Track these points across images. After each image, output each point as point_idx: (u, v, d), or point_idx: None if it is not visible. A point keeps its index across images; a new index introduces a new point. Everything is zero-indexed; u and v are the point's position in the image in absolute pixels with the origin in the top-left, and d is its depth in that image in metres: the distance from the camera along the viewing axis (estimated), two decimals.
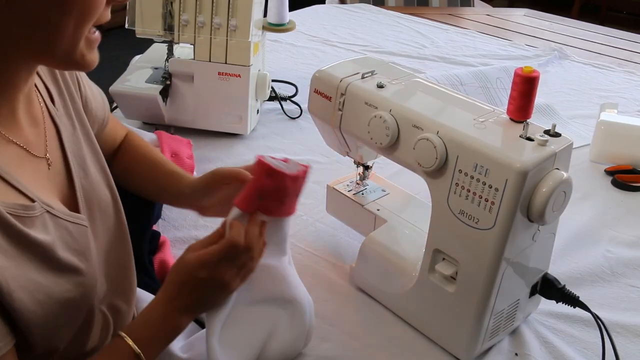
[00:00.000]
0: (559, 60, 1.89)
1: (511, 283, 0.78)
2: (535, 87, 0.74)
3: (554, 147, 0.72)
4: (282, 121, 1.43)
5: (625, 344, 0.86)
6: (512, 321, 0.84)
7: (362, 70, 0.88)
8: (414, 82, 0.88)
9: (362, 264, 0.92)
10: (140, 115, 1.32)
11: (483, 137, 0.74)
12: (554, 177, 0.71)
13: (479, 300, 0.76)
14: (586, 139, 1.39)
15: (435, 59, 1.86)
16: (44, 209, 0.61)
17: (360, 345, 0.83)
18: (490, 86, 1.52)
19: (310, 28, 2.05)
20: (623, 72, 1.83)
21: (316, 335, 0.84)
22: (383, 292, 0.89)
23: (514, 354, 0.83)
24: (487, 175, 0.72)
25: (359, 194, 1.00)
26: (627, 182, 1.24)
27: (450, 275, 0.78)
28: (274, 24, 1.37)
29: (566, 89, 1.70)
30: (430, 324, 0.84)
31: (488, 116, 0.78)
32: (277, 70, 1.64)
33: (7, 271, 0.56)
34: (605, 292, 0.96)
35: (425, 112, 0.79)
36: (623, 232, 1.10)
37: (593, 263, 1.01)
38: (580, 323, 0.88)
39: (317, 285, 0.93)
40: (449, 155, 0.75)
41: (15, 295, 0.57)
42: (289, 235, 0.78)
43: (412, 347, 0.83)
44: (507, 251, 0.73)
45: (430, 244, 0.80)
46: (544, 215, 0.71)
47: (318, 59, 1.80)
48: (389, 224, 0.94)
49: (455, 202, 0.75)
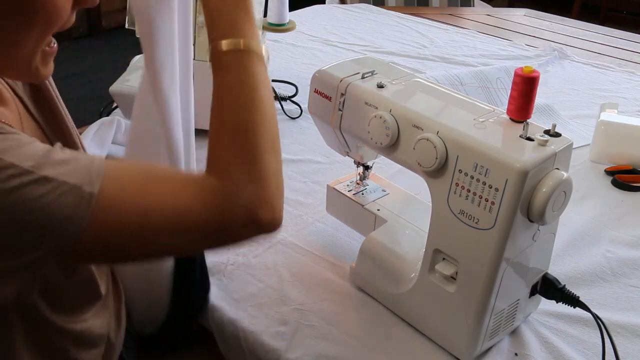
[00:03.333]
0: (559, 60, 1.89)
1: (511, 283, 0.78)
2: (535, 87, 0.74)
3: (554, 147, 0.72)
4: (282, 121, 1.42)
5: (625, 344, 0.86)
6: (512, 321, 0.84)
7: (362, 70, 0.88)
8: (414, 82, 0.88)
9: (362, 264, 0.92)
10: None
11: (483, 137, 0.74)
12: (554, 177, 0.71)
13: (479, 300, 0.76)
14: (586, 139, 1.39)
15: (435, 59, 1.86)
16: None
17: (360, 345, 0.83)
18: (490, 86, 1.52)
19: (310, 28, 2.05)
20: (623, 72, 1.83)
21: (316, 335, 0.84)
22: (383, 292, 0.89)
23: (514, 354, 0.83)
24: (487, 175, 0.72)
25: (359, 194, 1.00)
26: (627, 182, 1.24)
27: (450, 275, 0.78)
28: (274, 24, 1.37)
29: (566, 89, 1.70)
30: (430, 324, 0.84)
31: (488, 116, 0.78)
32: (277, 70, 1.64)
33: None
34: (605, 292, 0.96)
35: (425, 112, 0.79)
36: (623, 232, 1.10)
37: (593, 263, 1.01)
38: (580, 323, 0.88)
39: (317, 285, 0.93)
40: (449, 155, 0.75)
41: None
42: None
43: (412, 347, 0.83)
44: (507, 251, 0.73)
45: (430, 244, 0.80)
46: (544, 215, 0.71)
47: (318, 59, 1.80)
48: (389, 224, 0.94)
49: (455, 202, 0.75)
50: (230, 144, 0.65)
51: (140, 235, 0.60)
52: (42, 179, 0.55)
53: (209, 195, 0.61)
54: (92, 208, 0.56)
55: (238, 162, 0.63)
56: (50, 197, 0.55)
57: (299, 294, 0.90)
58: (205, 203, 0.61)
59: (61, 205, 0.55)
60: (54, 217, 0.55)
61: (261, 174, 0.63)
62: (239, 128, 0.66)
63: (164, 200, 0.60)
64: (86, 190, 0.56)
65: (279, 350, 0.82)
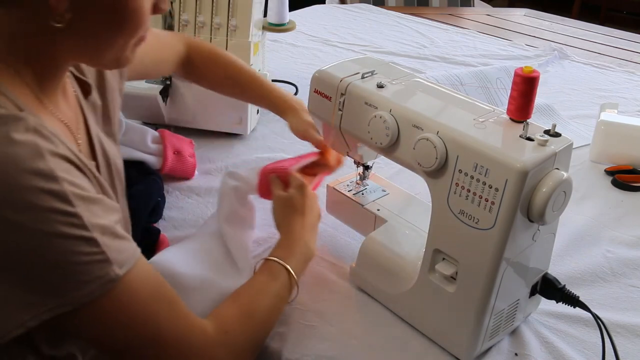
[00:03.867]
0: (559, 60, 1.89)
1: (511, 283, 0.78)
2: (535, 87, 0.74)
3: (554, 147, 0.72)
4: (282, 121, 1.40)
5: (625, 344, 0.86)
6: (512, 321, 0.84)
7: (362, 70, 0.88)
8: (414, 82, 0.88)
9: (362, 264, 0.92)
10: (140, 115, 1.32)
11: (483, 137, 0.74)
12: (554, 177, 0.71)
13: (479, 300, 0.76)
14: (586, 139, 1.39)
15: (435, 59, 1.86)
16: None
17: (360, 345, 0.83)
18: (490, 86, 1.52)
19: (310, 28, 2.05)
20: (623, 72, 1.83)
21: (316, 335, 0.84)
22: (383, 292, 0.89)
23: (514, 354, 0.83)
24: (487, 175, 0.72)
25: (359, 194, 1.00)
26: (627, 182, 1.24)
27: (450, 275, 0.78)
28: (274, 24, 1.37)
29: (566, 89, 1.70)
30: (430, 324, 0.84)
31: (488, 116, 0.78)
32: (277, 70, 1.64)
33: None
34: (605, 292, 0.96)
35: (425, 112, 0.79)
36: (623, 232, 1.10)
37: (593, 263, 1.01)
38: (580, 323, 0.88)
39: (317, 285, 0.93)
40: (449, 155, 0.75)
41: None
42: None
43: (412, 347, 0.83)
44: (507, 251, 0.73)
45: (430, 244, 0.80)
46: (544, 216, 0.71)
47: (318, 59, 1.80)
48: (389, 224, 0.94)
49: (455, 202, 0.75)
50: (239, 318, 0.76)
51: (130, 334, 0.66)
52: (88, 239, 0.61)
53: (207, 342, 0.71)
54: (108, 287, 0.62)
55: (237, 332, 0.75)
56: (86, 259, 0.60)
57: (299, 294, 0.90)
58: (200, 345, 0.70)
59: (89, 270, 0.61)
60: (76, 276, 0.60)
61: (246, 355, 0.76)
62: (254, 317, 0.78)
63: (166, 316, 0.68)
64: (114, 270, 0.62)
65: (280, 350, 0.82)
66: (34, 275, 0.59)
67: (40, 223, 0.58)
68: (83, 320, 0.63)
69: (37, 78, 0.66)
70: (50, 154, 0.59)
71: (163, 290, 0.69)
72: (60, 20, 0.61)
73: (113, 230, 0.64)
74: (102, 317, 0.63)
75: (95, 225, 0.61)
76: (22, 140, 0.58)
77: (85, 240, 0.60)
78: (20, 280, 0.59)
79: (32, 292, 0.59)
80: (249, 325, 0.76)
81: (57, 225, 0.58)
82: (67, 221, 0.59)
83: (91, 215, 0.61)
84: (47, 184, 0.58)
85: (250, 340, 0.76)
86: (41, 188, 0.58)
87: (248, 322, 0.76)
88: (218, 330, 0.72)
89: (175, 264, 0.86)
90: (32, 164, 0.58)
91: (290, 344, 0.82)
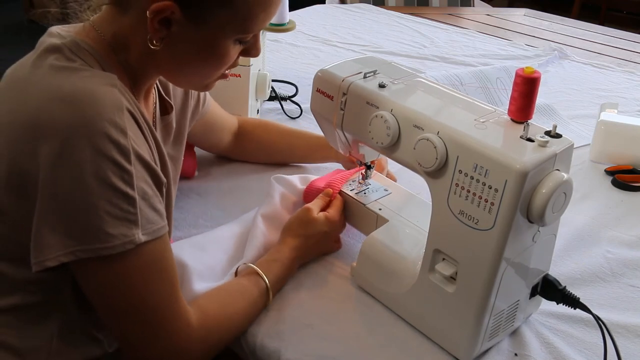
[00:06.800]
0: (559, 60, 1.90)
1: (511, 284, 0.78)
2: (536, 88, 0.74)
3: (554, 148, 0.72)
4: (282, 121, 1.42)
5: (625, 344, 0.86)
6: (512, 322, 0.84)
7: (364, 70, 0.88)
8: (415, 82, 0.88)
9: (362, 263, 0.92)
10: None
11: (483, 138, 0.74)
12: (554, 178, 0.71)
13: (478, 301, 0.76)
14: (586, 139, 1.39)
15: (435, 59, 1.86)
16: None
17: (360, 345, 0.83)
18: (490, 86, 1.52)
19: (310, 28, 2.05)
20: (623, 72, 1.84)
21: (316, 335, 0.84)
22: (383, 291, 0.89)
23: (513, 354, 0.83)
24: (487, 175, 0.72)
25: (361, 193, 1.00)
26: (627, 182, 1.24)
27: (450, 276, 0.78)
28: (274, 24, 1.37)
29: (566, 89, 1.70)
30: (430, 324, 0.84)
31: (489, 117, 0.78)
32: (277, 70, 1.64)
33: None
34: (605, 292, 0.96)
35: (426, 112, 0.79)
36: (623, 232, 1.10)
37: (593, 263, 1.01)
38: (581, 323, 0.88)
39: (317, 285, 0.93)
40: (449, 156, 0.75)
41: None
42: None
43: (412, 347, 0.83)
44: (506, 252, 0.73)
45: (430, 244, 0.80)
46: (544, 217, 0.71)
47: (318, 59, 1.80)
48: (390, 223, 0.94)
49: (455, 203, 0.75)
50: (218, 318, 0.80)
51: (124, 301, 0.69)
52: (129, 197, 0.66)
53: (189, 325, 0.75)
54: (127, 247, 0.66)
55: (214, 331, 0.79)
56: (119, 214, 0.65)
57: (299, 294, 0.90)
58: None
59: (117, 225, 0.65)
60: (103, 226, 0.64)
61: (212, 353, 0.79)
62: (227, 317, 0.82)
63: (163, 298, 0.72)
64: (138, 235, 0.66)
65: (279, 350, 0.82)
66: (66, 212, 0.64)
67: (96, 165, 0.63)
68: (90, 272, 0.67)
69: (131, 72, 0.76)
70: (128, 113, 0.68)
71: (171, 273, 0.73)
72: (156, 45, 0.71)
73: (152, 201, 0.69)
74: (108, 274, 0.67)
75: (140, 188, 0.67)
76: (110, 92, 0.67)
77: (126, 197, 0.65)
78: (53, 212, 0.64)
79: (56, 230, 0.64)
80: (225, 327, 0.80)
81: (109, 173, 0.64)
82: (119, 174, 0.65)
83: (141, 178, 0.68)
84: (116, 135, 0.65)
85: (221, 341, 0.80)
86: (110, 136, 0.64)
87: (225, 323, 0.80)
88: (200, 325, 0.76)
89: (186, 254, 0.90)
90: (111, 113, 0.65)
91: (289, 343, 0.82)
